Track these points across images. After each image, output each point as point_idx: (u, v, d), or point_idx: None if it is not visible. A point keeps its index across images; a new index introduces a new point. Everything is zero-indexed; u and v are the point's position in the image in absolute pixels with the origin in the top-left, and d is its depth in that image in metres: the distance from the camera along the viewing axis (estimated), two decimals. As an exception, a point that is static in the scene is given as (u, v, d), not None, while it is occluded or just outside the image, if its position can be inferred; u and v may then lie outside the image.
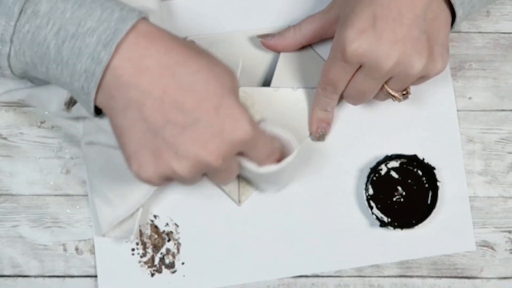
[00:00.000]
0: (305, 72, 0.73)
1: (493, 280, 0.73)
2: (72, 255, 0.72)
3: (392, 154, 0.72)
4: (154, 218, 0.73)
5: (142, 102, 0.56)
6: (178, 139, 0.57)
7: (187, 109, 0.56)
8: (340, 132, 0.74)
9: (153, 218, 0.73)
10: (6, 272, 0.72)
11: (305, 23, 0.70)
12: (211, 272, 0.72)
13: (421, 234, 0.72)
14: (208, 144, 0.57)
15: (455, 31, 0.74)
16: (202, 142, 0.57)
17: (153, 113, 0.56)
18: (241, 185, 0.72)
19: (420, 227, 0.71)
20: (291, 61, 0.73)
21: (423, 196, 0.73)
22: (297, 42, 0.71)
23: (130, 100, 0.57)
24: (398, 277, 0.72)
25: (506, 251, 0.73)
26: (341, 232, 0.73)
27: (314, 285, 0.72)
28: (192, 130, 0.57)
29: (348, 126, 0.74)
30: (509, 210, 0.73)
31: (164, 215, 0.73)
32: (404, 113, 0.74)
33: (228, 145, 0.57)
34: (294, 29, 0.71)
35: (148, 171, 0.58)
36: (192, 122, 0.57)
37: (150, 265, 0.73)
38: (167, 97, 0.56)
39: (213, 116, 0.57)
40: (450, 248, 0.73)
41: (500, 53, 0.75)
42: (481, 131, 0.74)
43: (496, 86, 0.75)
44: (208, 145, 0.57)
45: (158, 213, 0.73)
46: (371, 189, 0.73)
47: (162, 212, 0.73)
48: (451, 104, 0.74)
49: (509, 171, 0.74)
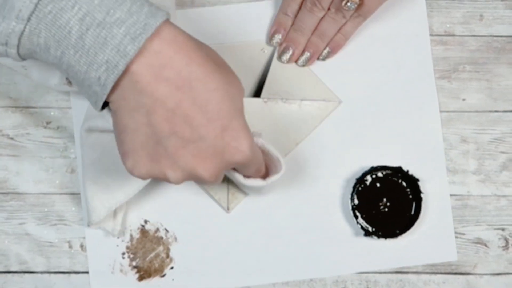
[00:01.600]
0: (295, 83, 0.74)
1: (486, 276, 0.73)
2: (77, 252, 0.73)
3: (377, 165, 0.73)
4: (145, 223, 0.74)
5: (153, 109, 0.55)
6: (180, 151, 0.56)
7: (196, 125, 0.56)
8: (328, 143, 0.74)
9: (143, 223, 0.73)
10: (13, 268, 0.73)
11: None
12: (199, 276, 0.73)
13: (404, 244, 0.73)
14: (206, 161, 0.57)
15: (449, 34, 0.75)
16: (201, 158, 0.57)
17: (162, 122, 0.55)
18: (230, 192, 0.73)
19: (404, 237, 0.72)
20: (281, 73, 0.74)
21: (407, 207, 0.73)
22: None
23: (141, 104, 0.55)
24: (394, 273, 0.73)
25: (499, 248, 0.73)
26: (326, 240, 0.73)
27: (312, 281, 0.73)
28: (195, 145, 0.56)
29: (336, 138, 0.74)
30: (501, 208, 0.74)
31: (155, 221, 0.74)
32: (390, 126, 0.74)
33: (225, 165, 0.58)
34: None
35: (142, 170, 0.58)
36: (197, 138, 0.56)
37: (139, 269, 0.73)
38: (179, 110, 0.55)
39: (219, 136, 0.56)
40: (432, 258, 0.73)
41: (493, 55, 0.75)
42: (475, 132, 0.74)
43: (489, 88, 0.75)
44: (207, 163, 0.57)
45: (148, 218, 0.73)
46: (356, 199, 0.73)
47: (152, 217, 0.74)
48: (435, 118, 0.74)
49: (502, 170, 0.74)
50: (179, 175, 0.57)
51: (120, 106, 0.56)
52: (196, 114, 0.55)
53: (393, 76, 0.75)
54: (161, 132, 0.55)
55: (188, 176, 0.57)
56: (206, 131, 0.56)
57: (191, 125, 0.55)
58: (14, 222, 0.73)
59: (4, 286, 0.73)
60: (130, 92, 0.55)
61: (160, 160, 0.56)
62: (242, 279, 0.73)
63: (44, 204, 0.73)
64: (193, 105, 0.55)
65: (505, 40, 0.75)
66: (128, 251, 0.73)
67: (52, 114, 0.74)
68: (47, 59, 0.56)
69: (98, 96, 0.55)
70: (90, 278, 0.72)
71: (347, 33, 0.73)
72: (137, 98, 0.55)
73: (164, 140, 0.56)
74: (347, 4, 0.69)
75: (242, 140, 0.57)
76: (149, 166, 0.57)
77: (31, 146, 0.74)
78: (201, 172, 0.57)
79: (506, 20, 0.75)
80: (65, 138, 0.74)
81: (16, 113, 0.74)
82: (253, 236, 0.73)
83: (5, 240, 0.73)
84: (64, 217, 0.73)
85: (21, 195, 0.74)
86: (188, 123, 0.55)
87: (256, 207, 0.73)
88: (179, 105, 0.55)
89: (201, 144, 0.56)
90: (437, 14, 0.75)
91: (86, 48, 0.53)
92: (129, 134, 0.56)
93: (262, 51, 0.74)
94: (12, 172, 0.74)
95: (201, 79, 0.55)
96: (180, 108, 0.55)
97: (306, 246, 0.73)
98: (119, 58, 0.53)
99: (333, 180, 0.74)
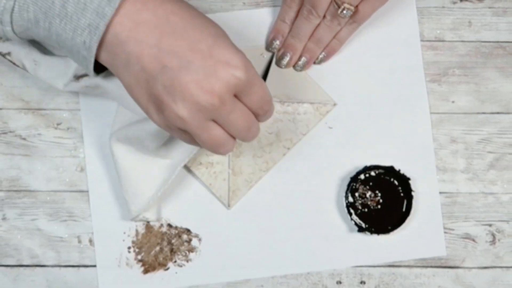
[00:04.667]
0: (293, 87, 0.74)
1: (474, 270, 0.74)
2: (86, 247, 0.74)
3: (370, 165, 0.73)
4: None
5: (140, 53, 0.56)
6: (174, 82, 0.56)
7: (182, 53, 0.56)
8: (324, 144, 0.75)
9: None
10: (25, 262, 0.74)
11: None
12: (201, 269, 0.74)
13: (396, 239, 0.73)
14: (202, 83, 0.56)
15: (439, 40, 0.76)
16: (196, 82, 0.56)
17: (151, 61, 0.56)
18: (231, 190, 0.73)
19: (395, 233, 0.73)
20: (279, 76, 0.74)
21: (399, 204, 0.74)
22: None
23: (130, 54, 0.56)
24: (387, 266, 0.74)
25: (486, 243, 0.74)
26: (322, 235, 0.74)
27: (309, 274, 0.74)
28: (186, 72, 0.56)
29: (331, 138, 0.75)
30: (489, 205, 0.74)
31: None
32: (383, 127, 0.75)
33: (222, 84, 0.56)
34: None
35: (158, 121, 0.58)
36: (186, 64, 0.56)
37: (144, 263, 0.74)
38: (162, 43, 0.56)
39: (207, 57, 0.56)
40: (423, 252, 0.74)
41: (481, 60, 0.75)
42: (464, 132, 0.75)
43: (477, 90, 0.75)
44: (203, 84, 0.56)
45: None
46: (350, 197, 0.73)
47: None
48: (426, 119, 0.75)
49: (489, 169, 0.75)
50: (184, 106, 0.56)
51: (116, 65, 0.58)
52: (179, 42, 0.56)
53: (386, 80, 0.75)
54: (153, 71, 0.56)
55: (194, 106, 0.56)
56: (192, 55, 0.56)
57: (177, 54, 0.56)
58: (26, 218, 0.74)
59: (17, 279, 0.73)
60: (116, 46, 0.57)
61: (163, 101, 0.56)
62: (243, 273, 0.74)
63: (54, 201, 0.74)
64: (173, 35, 0.56)
65: (492, 45, 0.76)
66: (134, 245, 0.74)
67: (62, 116, 0.74)
68: (39, 33, 0.59)
69: (87, 60, 0.58)
70: (98, 271, 0.73)
71: (342, 38, 0.73)
72: (124, 49, 0.57)
73: (158, 77, 0.56)
74: (343, 12, 0.69)
75: (232, 55, 0.57)
76: (160, 115, 0.57)
77: (42, 146, 0.74)
78: (201, 95, 0.56)
79: (493, 27, 0.76)
80: (74, 139, 0.74)
81: (28, 114, 0.75)
82: (253, 232, 0.74)
83: (18, 235, 0.74)
84: (74, 214, 0.74)
85: (33, 192, 0.74)
86: (173, 53, 0.56)
87: (256, 204, 0.74)
88: (161, 40, 0.56)
89: (192, 68, 0.56)
90: (428, 21, 0.76)
91: (69, 15, 0.57)
92: (135, 89, 0.58)
93: (262, 56, 0.75)
94: (24, 170, 0.74)
95: (176, 12, 0.57)
96: (162, 41, 0.56)
97: (304, 241, 0.74)
98: (99, 19, 0.56)
99: (328, 179, 0.74)
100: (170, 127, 0.59)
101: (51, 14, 0.57)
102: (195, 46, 0.56)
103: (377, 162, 0.74)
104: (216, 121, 0.58)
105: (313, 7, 0.70)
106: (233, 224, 0.74)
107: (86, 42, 0.57)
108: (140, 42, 0.56)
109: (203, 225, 0.74)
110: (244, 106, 0.59)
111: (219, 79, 0.56)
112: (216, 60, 0.56)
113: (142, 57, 0.56)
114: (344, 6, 0.68)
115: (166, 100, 0.56)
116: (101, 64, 0.60)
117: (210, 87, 0.56)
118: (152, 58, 0.56)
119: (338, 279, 0.74)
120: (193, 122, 0.57)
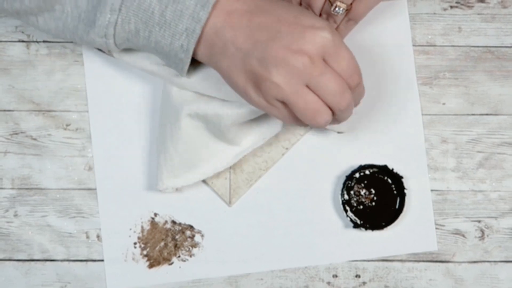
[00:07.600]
0: None
1: (464, 264, 0.75)
2: (94, 242, 0.75)
3: (365, 164, 0.74)
4: (155, 216, 0.75)
5: (234, 36, 0.59)
6: (266, 52, 0.58)
7: (270, 25, 0.59)
8: (321, 144, 0.75)
9: (153, 216, 0.74)
10: (36, 257, 0.74)
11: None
12: (204, 264, 0.74)
13: (389, 235, 0.74)
14: (292, 46, 0.58)
15: (431, 44, 0.76)
16: (285, 47, 0.58)
17: (244, 40, 0.59)
18: (232, 188, 0.74)
19: (389, 229, 0.73)
20: None
21: (392, 201, 0.74)
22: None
23: (226, 40, 0.60)
24: (381, 261, 0.75)
25: (476, 238, 0.75)
26: (319, 231, 0.74)
27: (307, 268, 0.75)
28: (276, 40, 0.58)
29: (327, 139, 0.75)
30: (478, 202, 0.75)
31: (163, 214, 0.75)
32: (377, 128, 0.75)
33: (310, 43, 0.58)
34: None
35: (257, 100, 0.60)
36: (275, 34, 0.58)
37: (149, 257, 0.74)
38: (252, 23, 0.59)
39: (293, 24, 0.59)
40: (415, 247, 0.74)
41: (470, 64, 0.76)
42: (454, 133, 0.76)
43: (467, 93, 0.76)
44: (292, 47, 0.58)
45: (158, 211, 0.75)
46: (346, 195, 0.74)
47: (161, 210, 0.75)
48: (418, 121, 0.75)
49: (478, 168, 0.76)
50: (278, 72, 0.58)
51: (211, 54, 0.61)
52: (267, 18, 0.60)
53: (379, 83, 0.76)
54: (247, 48, 0.59)
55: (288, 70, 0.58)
56: (280, 26, 0.59)
57: (266, 28, 0.59)
58: (37, 215, 0.75)
59: (28, 272, 0.74)
60: (215, 35, 0.60)
61: (259, 74, 0.59)
62: (243, 267, 0.74)
63: (64, 198, 0.75)
64: (262, 15, 0.60)
65: (481, 50, 0.76)
66: (140, 241, 0.74)
67: (71, 117, 0.75)
68: (138, 43, 0.63)
69: (183, 62, 0.62)
70: (105, 265, 0.74)
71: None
72: (220, 37, 0.60)
73: (251, 52, 0.59)
74: (335, 9, 0.68)
75: (317, 22, 0.59)
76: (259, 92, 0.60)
77: (52, 146, 0.75)
78: (291, 57, 0.58)
79: (482, 32, 0.76)
80: (83, 139, 0.75)
81: (38, 116, 0.75)
82: (253, 228, 0.75)
83: (29, 231, 0.75)
84: (82, 210, 0.75)
85: (43, 190, 0.75)
86: (263, 28, 0.59)
87: (256, 201, 0.75)
88: (251, 20, 0.59)
89: (281, 37, 0.58)
90: (420, 27, 0.77)
91: (168, 22, 0.60)
92: (233, 71, 0.61)
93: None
94: (35, 169, 0.75)
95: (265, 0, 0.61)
96: (252, 21, 0.59)
97: (301, 237, 0.75)
98: (195, 24, 0.60)
99: (325, 178, 0.75)
100: (269, 101, 0.60)
101: (151, 23, 0.61)
102: (282, 19, 0.59)
103: (371, 162, 0.75)
104: (309, 86, 0.59)
105: (309, 6, 0.70)
106: (234, 220, 0.75)
107: (183, 46, 0.61)
108: (233, 27, 0.59)
109: (205, 222, 0.75)
110: (334, 71, 0.60)
111: (307, 40, 0.58)
112: (302, 25, 0.59)
113: (236, 39, 0.59)
114: (336, 4, 0.68)
115: (262, 72, 0.58)
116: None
117: (299, 48, 0.58)
118: (245, 37, 0.59)
119: (334, 273, 0.75)
120: (289, 87, 0.58)
